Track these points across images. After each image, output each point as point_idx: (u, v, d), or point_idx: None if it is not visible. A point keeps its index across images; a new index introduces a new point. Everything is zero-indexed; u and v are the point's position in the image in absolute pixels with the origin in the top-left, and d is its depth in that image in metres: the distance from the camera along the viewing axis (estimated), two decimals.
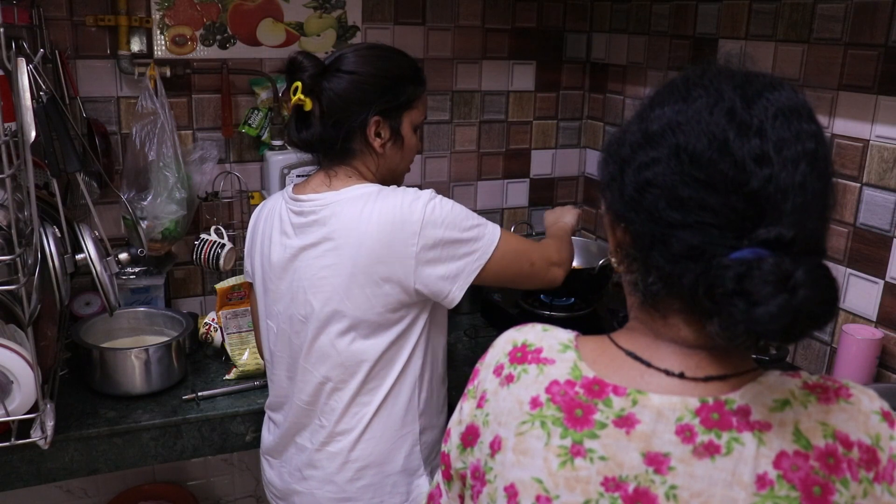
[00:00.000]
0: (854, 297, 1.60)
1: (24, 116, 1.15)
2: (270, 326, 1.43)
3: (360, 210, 1.27)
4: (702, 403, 0.68)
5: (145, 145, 1.84)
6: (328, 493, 1.37)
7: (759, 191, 0.63)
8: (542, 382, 0.75)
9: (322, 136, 1.32)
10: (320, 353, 1.33)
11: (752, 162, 0.64)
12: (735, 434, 0.66)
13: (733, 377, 0.69)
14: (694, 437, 0.67)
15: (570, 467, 0.70)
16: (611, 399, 0.71)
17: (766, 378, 0.70)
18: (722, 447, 0.66)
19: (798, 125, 0.66)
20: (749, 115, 0.65)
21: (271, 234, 1.38)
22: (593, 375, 0.73)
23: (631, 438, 0.68)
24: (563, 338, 0.79)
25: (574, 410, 0.71)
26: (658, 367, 0.71)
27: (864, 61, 1.53)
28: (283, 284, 1.36)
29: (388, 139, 1.35)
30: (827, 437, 0.66)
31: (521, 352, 0.79)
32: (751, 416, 0.67)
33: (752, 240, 0.62)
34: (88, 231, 1.40)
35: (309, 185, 1.36)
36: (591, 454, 0.69)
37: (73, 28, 1.87)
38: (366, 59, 1.32)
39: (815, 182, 0.65)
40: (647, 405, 0.69)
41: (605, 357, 0.75)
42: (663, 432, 0.68)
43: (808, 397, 0.68)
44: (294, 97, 1.30)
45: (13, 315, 1.36)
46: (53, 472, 1.55)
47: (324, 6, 2.06)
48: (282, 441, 1.45)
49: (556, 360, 0.76)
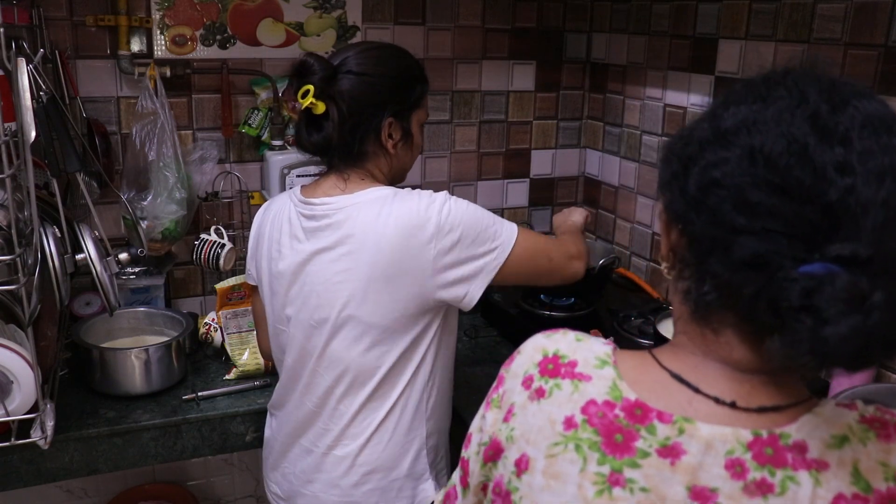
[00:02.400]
0: None
1: (24, 116, 1.15)
2: (281, 330, 1.41)
3: (378, 213, 1.26)
4: (755, 437, 0.63)
5: (145, 145, 1.84)
6: (333, 497, 1.37)
7: (837, 202, 0.58)
8: (578, 401, 0.70)
9: (338, 140, 1.30)
10: (333, 358, 1.32)
11: (833, 171, 0.59)
12: (790, 472, 0.62)
13: (788, 408, 0.65)
14: (745, 472, 0.62)
15: (607, 496, 0.65)
16: (655, 426, 0.66)
17: (822, 409, 0.65)
18: (776, 486, 0.61)
19: (887, 138, 0.60)
20: (834, 121, 0.61)
21: (280, 237, 1.37)
22: (635, 398, 0.68)
23: (676, 470, 0.64)
24: (599, 351, 0.74)
25: (614, 435, 0.67)
26: (707, 394, 0.66)
27: (864, 61, 1.53)
28: (293, 289, 1.35)
29: (400, 140, 1.35)
30: (888, 479, 0.61)
31: (553, 363, 0.74)
32: (808, 454, 0.62)
33: (825, 254, 0.57)
34: (88, 231, 1.40)
35: (320, 187, 1.35)
36: (631, 484, 0.65)
37: (73, 28, 1.87)
38: (376, 60, 1.31)
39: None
40: (695, 435, 0.64)
41: (648, 377, 0.70)
42: (711, 466, 0.63)
43: (867, 433, 0.63)
44: (304, 101, 1.27)
45: (13, 315, 1.36)
46: (53, 472, 1.55)
47: (324, 6, 2.06)
48: (285, 442, 1.44)
49: (593, 377, 0.71)
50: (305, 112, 1.30)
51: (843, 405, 0.66)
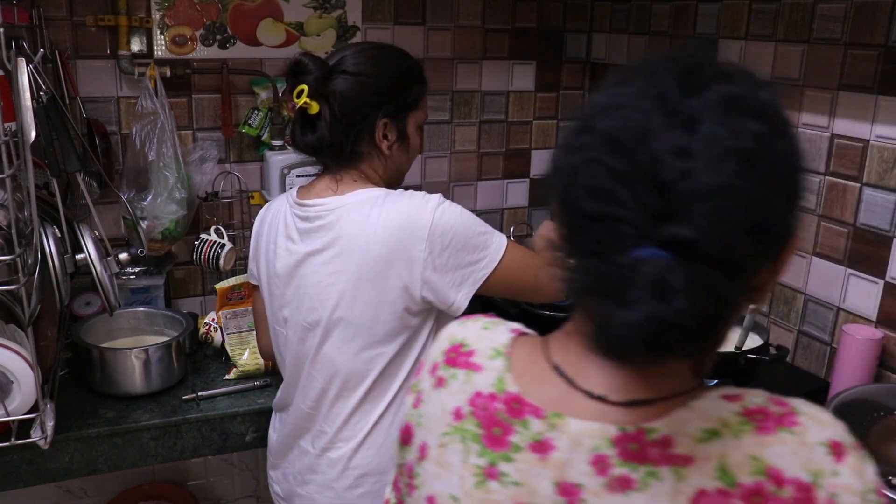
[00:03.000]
0: (854, 297, 1.60)
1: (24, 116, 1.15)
2: (279, 331, 1.41)
3: (367, 215, 1.25)
4: (621, 432, 0.62)
5: (145, 145, 1.84)
6: (327, 499, 1.37)
7: (670, 185, 0.56)
8: (468, 392, 0.71)
9: (331, 141, 1.30)
10: (326, 360, 1.32)
11: (669, 154, 0.57)
12: (652, 468, 0.61)
13: (661, 401, 0.63)
14: (608, 468, 0.62)
15: (483, 489, 0.66)
16: (528, 421, 0.66)
17: (699, 402, 0.63)
18: (636, 482, 0.61)
19: (739, 121, 0.58)
20: (682, 104, 0.59)
21: (276, 238, 1.37)
22: (516, 391, 0.68)
23: (546, 465, 0.64)
24: (497, 341, 0.74)
25: (493, 428, 0.68)
26: (581, 388, 0.65)
27: (864, 61, 1.53)
28: (288, 290, 1.35)
29: (395, 141, 1.33)
30: (756, 473, 0.59)
31: (456, 352, 0.75)
32: (672, 449, 0.61)
33: (653, 239, 0.56)
34: (88, 231, 1.40)
35: (314, 189, 1.34)
36: (504, 478, 0.66)
37: (73, 28, 1.87)
38: (372, 60, 1.31)
39: (750, 187, 0.57)
40: (565, 431, 0.64)
41: (533, 369, 0.70)
42: (578, 462, 0.63)
43: (744, 426, 0.61)
44: (299, 101, 1.27)
45: (13, 315, 1.36)
46: (53, 472, 1.55)
47: (324, 6, 2.06)
48: (285, 442, 1.44)
49: (484, 368, 0.72)
50: (300, 111, 1.30)
51: (727, 396, 0.64)
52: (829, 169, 1.62)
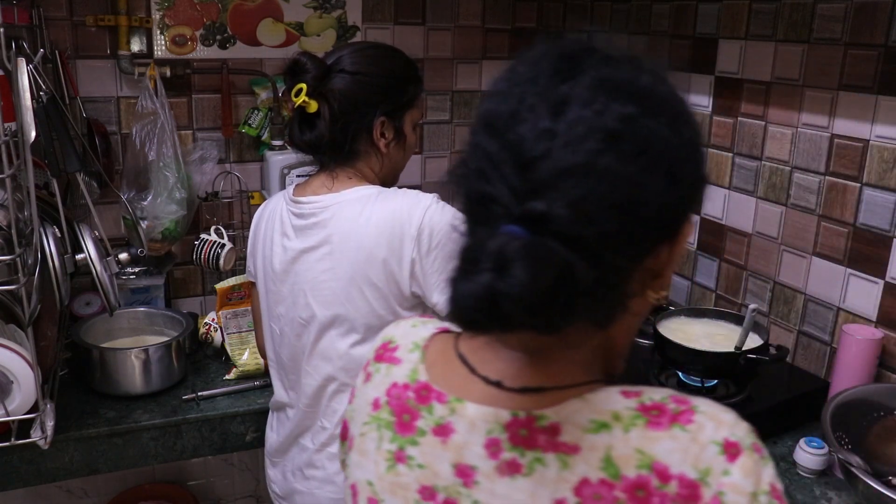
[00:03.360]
0: (854, 297, 1.60)
1: (24, 116, 1.15)
2: (273, 329, 1.42)
3: (360, 212, 1.27)
4: (513, 417, 0.64)
5: (145, 145, 1.84)
6: (328, 493, 1.37)
7: (532, 165, 0.57)
8: (385, 384, 0.74)
9: (329, 139, 1.30)
10: (322, 356, 1.33)
11: (533, 135, 0.58)
12: (539, 454, 0.62)
13: (554, 390, 0.64)
14: (499, 452, 0.64)
15: (393, 473, 0.69)
16: (433, 406, 0.69)
17: (594, 395, 0.64)
18: (524, 467, 0.63)
19: (608, 103, 0.58)
20: (554, 88, 0.59)
21: (272, 235, 1.38)
22: (425, 380, 0.71)
23: (446, 448, 0.66)
24: (418, 336, 0.76)
25: (403, 415, 0.70)
26: (479, 374, 0.67)
27: (864, 61, 1.53)
28: (284, 287, 1.36)
29: (392, 139, 1.34)
30: (641, 467, 0.60)
31: (384, 349, 0.78)
32: (559, 437, 0.62)
33: (515, 217, 0.57)
34: (88, 231, 1.40)
35: (309, 186, 1.36)
36: (410, 461, 0.68)
37: (73, 28, 1.87)
38: (369, 59, 1.32)
39: (613, 166, 0.57)
40: (464, 415, 0.66)
41: (442, 359, 0.72)
42: (474, 445, 0.65)
43: (637, 420, 0.62)
44: (297, 99, 1.28)
45: (13, 315, 1.36)
46: (53, 472, 1.55)
47: (324, 6, 2.06)
48: (285, 441, 1.45)
49: (403, 361, 0.74)
50: (298, 110, 1.31)
51: (626, 392, 0.64)
52: (829, 169, 1.62)
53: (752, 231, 1.83)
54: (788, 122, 1.70)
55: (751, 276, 1.85)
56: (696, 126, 0.65)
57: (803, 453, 1.40)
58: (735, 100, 1.84)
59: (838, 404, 1.37)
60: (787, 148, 1.71)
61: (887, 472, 1.31)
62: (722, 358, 1.52)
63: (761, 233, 1.81)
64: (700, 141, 0.66)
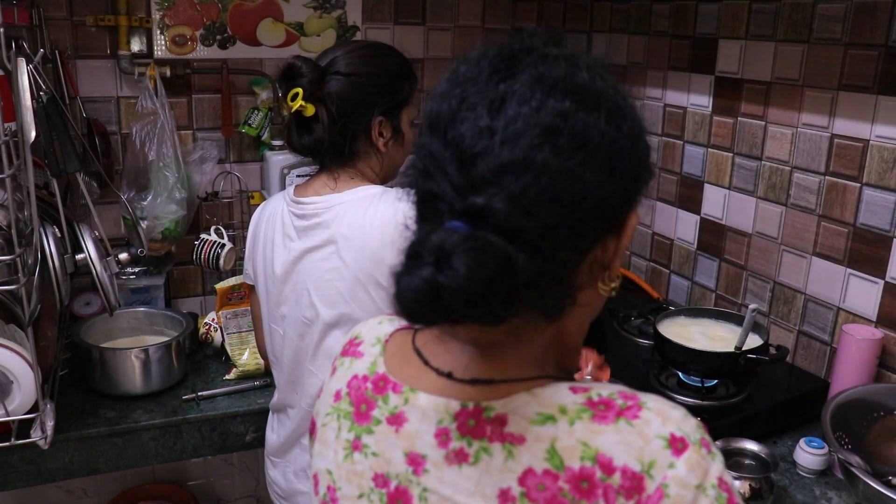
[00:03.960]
0: (854, 297, 1.60)
1: (24, 116, 1.15)
2: (275, 329, 1.42)
3: (364, 212, 1.27)
4: (462, 408, 0.65)
5: (145, 145, 1.84)
6: None
7: (472, 162, 0.59)
8: (347, 376, 0.76)
9: (328, 142, 1.30)
10: (326, 356, 1.33)
11: (472, 134, 0.60)
12: (486, 444, 0.64)
13: (503, 383, 0.65)
14: (448, 441, 0.65)
15: (349, 461, 0.71)
16: (388, 396, 0.70)
17: (542, 390, 0.65)
18: (470, 456, 0.64)
19: (544, 100, 0.60)
20: (493, 87, 0.61)
21: (273, 236, 1.38)
22: (383, 371, 0.73)
23: (399, 437, 0.68)
24: (381, 332, 0.78)
25: (360, 405, 0.72)
26: (432, 365, 0.69)
27: (864, 61, 1.53)
28: (286, 288, 1.36)
29: (391, 137, 1.35)
30: (585, 458, 0.61)
31: (350, 344, 0.79)
32: (505, 427, 0.63)
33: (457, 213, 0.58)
34: (88, 231, 1.40)
35: (311, 186, 1.35)
36: (366, 449, 0.70)
37: (73, 28, 1.87)
38: (363, 60, 1.32)
39: (550, 160, 0.58)
40: (416, 405, 0.68)
41: (401, 352, 0.73)
42: (425, 434, 0.67)
43: (582, 413, 0.62)
44: (294, 104, 1.28)
45: (13, 315, 1.36)
46: (53, 471, 1.55)
47: (324, 6, 2.06)
48: (286, 442, 1.44)
49: (364, 355, 0.76)
50: (295, 114, 1.31)
51: (574, 388, 0.65)
52: (829, 169, 1.62)
53: (752, 231, 1.83)
54: (788, 122, 1.70)
55: (751, 276, 1.85)
56: (637, 120, 0.66)
57: (803, 453, 1.41)
58: (735, 100, 1.84)
59: (838, 404, 1.37)
60: (787, 148, 1.71)
61: (887, 472, 1.31)
62: (722, 358, 1.52)
63: (761, 233, 1.81)
64: (642, 134, 0.66)
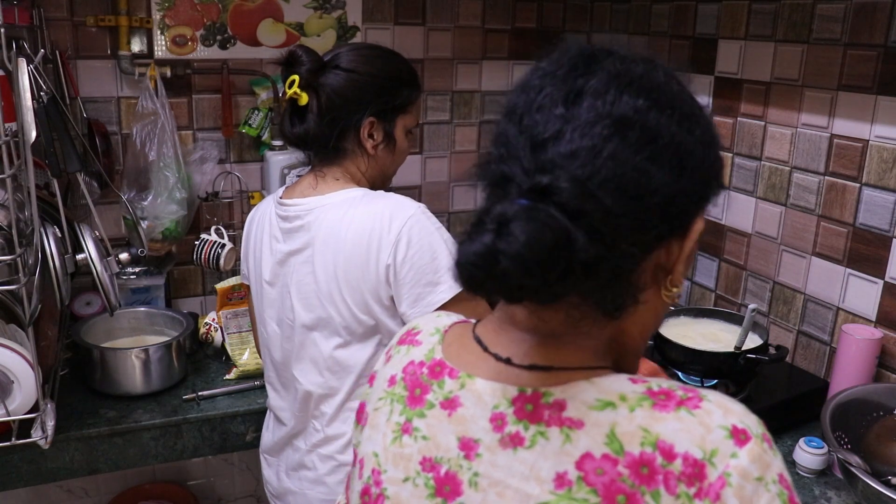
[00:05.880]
0: (853, 297, 1.60)
1: (24, 116, 1.16)
2: (264, 331, 1.43)
3: (342, 216, 1.26)
4: (519, 393, 0.66)
5: (146, 145, 1.84)
6: (319, 494, 1.37)
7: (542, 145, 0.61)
8: (403, 362, 0.76)
9: (316, 133, 1.30)
10: (309, 358, 1.33)
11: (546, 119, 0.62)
12: (543, 428, 0.64)
13: (562, 370, 0.66)
14: (504, 426, 0.66)
15: (398, 444, 0.71)
16: (444, 381, 0.71)
17: (601, 379, 0.65)
18: (526, 440, 0.64)
19: (620, 95, 0.62)
20: (571, 80, 0.64)
21: (262, 238, 1.38)
22: (440, 357, 0.73)
23: (451, 421, 0.68)
24: (441, 323, 0.79)
25: (415, 390, 0.73)
26: (491, 352, 0.70)
27: (863, 61, 1.53)
28: (273, 290, 1.36)
29: (381, 141, 1.33)
30: (646, 444, 0.60)
31: (408, 334, 0.80)
32: (564, 412, 0.64)
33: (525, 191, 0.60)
34: (89, 231, 1.40)
35: (297, 188, 1.35)
36: (416, 433, 0.70)
37: (73, 28, 1.87)
38: (365, 59, 1.32)
39: (621, 150, 0.60)
40: (472, 389, 0.68)
41: (459, 341, 0.74)
42: (479, 418, 0.67)
43: (642, 401, 0.63)
44: (290, 90, 1.28)
45: (14, 315, 1.36)
46: (54, 471, 1.55)
47: (324, 6, 2.06)
48: (280, 441, 1.45)
49: (422, 343, 0.77)
50: (290, 102, 1.31)
51: (634, 379, 0.65)
52: (829, 169, 1.62)
53: (751, 231, 1.83)
54: (788, 122, 1.70)
55: (750, 276, 1.85)
56: (710, 129, 0.67)
57: (803, 453, 1.41)
58: (735, 100, 1.84)
59: (838, 404, 1.37)
60: (786, 148, 1.71)
61: (887, 472, 1.31)
62: (722, 358, 1.52)
63: (761, 233, 1.81)
64: (714, 143, 0.67)
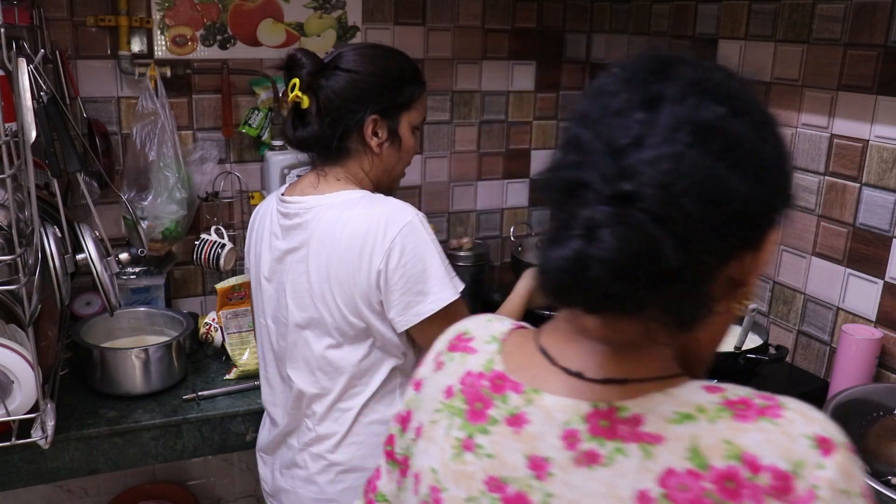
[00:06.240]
0: (853, 297, 1.60)
1: (24, 116, 1.16)
2: (261, 327, 1.43)
3: (338, 217, 1.26)
4: (594, 409, 0.63)
5: (146, 145, 1.84)
6: (310, 493, 1.38)
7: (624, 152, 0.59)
8: (459, 372, 0.73)
9: (318, 135, 1.30)
10: (301, 358, 1.33)
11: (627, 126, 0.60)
12: (620, 444, 0.61)
13: (637, 382, 0.64)
14: (577, 443, 0.63)
15: (459, 461, 0.68)
16: (508, 396, 0.68)
17: (676, 389, 0.63)
18: (603, 457, 0.61)
19: (700, 101, 0.61)
20: (649, 86, 0.62)
21: (263, 234, 1.38)
22: (500, 370, 0.71)
23: (518, 439, 0.66)
24: (496, 330, 0.76)
25: (475, 404, 0.70)
26: (560, 365, 0.67)
27: (863, 61, 1.53)
28: (270, 287, 1.37)
29: (385, 139, 1.33)
30: (730, 457, 0.58)
31: (458, 340, 0.77)
32: (641, 427, 0.61)
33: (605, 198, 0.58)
34: (89, 231, 1.40)
35: (299, 186, 1.35)
36: (479, 450, 0.67)
37: (73, 28, 1.87)
38: (365, 58, 1.31)
39: (703, 157, 0.59)
40: (540, 405, 0.66)
41: (521, 351, 0.72)
42: (549, 436, 0.64)
43: (722, 412, 0.61)
44: (291, 94, 1.29)
45: (14, 315, 1.36)
46: (54, 471, 1.55)
47: (324, 6, 2.06)
48: (275, 439, 1.45)
49: (479, 351, 0.74)
50: (293, 106, 1.31)
51: (709, 388, 0.64)
52: (829, 169, 1.62)
53: None
54: (788, 122, 1.70)
55: None
56: (781, 138, 0.66)
57: None
58: None
59: (838, 404, 1.37)
60: None
61: (887, 472, 1.31)
62: (721, 358, 1.52)
63: None
64: (786, 153, 0.66)
